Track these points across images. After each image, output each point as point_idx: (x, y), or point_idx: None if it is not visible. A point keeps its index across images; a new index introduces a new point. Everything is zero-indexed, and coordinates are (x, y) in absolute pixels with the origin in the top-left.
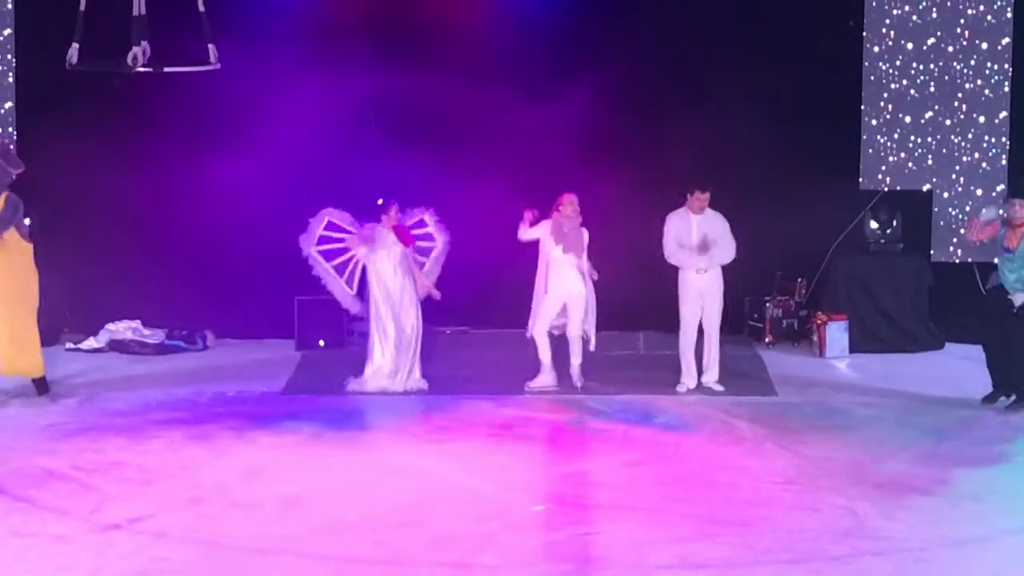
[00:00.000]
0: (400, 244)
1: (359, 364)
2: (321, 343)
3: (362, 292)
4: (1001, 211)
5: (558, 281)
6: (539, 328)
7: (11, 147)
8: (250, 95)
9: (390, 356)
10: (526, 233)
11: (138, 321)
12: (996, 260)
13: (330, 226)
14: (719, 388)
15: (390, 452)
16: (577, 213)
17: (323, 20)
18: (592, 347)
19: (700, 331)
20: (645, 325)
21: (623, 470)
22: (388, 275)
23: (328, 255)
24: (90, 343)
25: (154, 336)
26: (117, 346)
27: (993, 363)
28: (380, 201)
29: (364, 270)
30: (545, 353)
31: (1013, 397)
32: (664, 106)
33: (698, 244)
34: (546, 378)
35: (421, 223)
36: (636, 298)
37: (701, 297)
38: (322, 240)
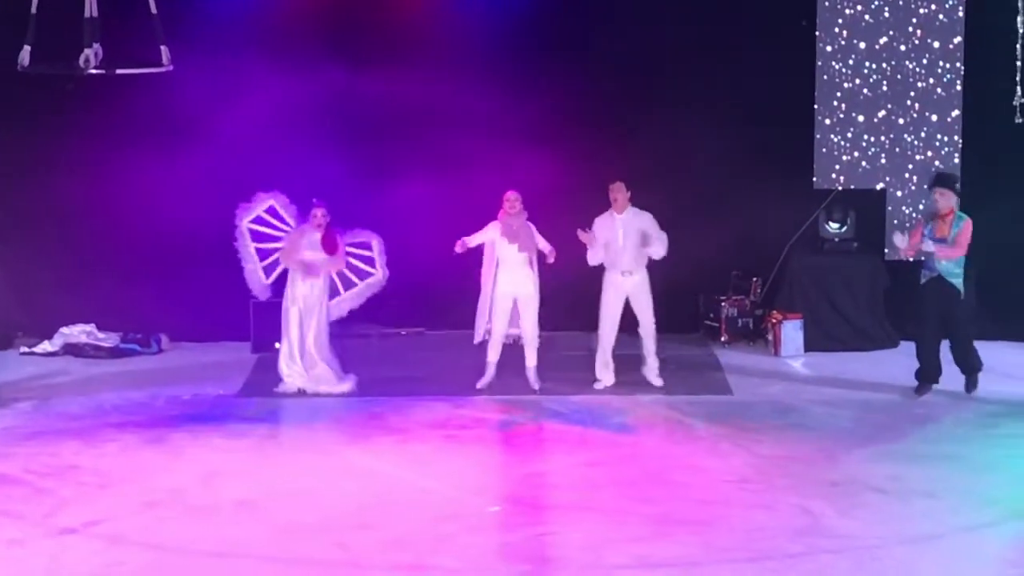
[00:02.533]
0: (325, 249)
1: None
2: (277, 345)
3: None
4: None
5: (509, 279)
6: (485, 324)
7: None
8: (203, 96)
9: (295, 358)
10: (472, 240)
11: (93, 324)
12: (923, 257)
13: (272, 211)
14: (659, 382)
15: (346, 454)
16: (521, 209)
17: (274, 21)
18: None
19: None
20: (596, 326)
21: (579, 470)
22: (304, 281)
23: (258, 236)
24: (44, 347)
25: (109, 339)
26: (71, 350)
27: (924, 355)
28: (314, 201)
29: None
30: (493, 350)
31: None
32: (618, 106)
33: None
34: (485, 376)
35: (366, 245)
36: (593, 298)
37: (625, 299)
38: (259, 221)
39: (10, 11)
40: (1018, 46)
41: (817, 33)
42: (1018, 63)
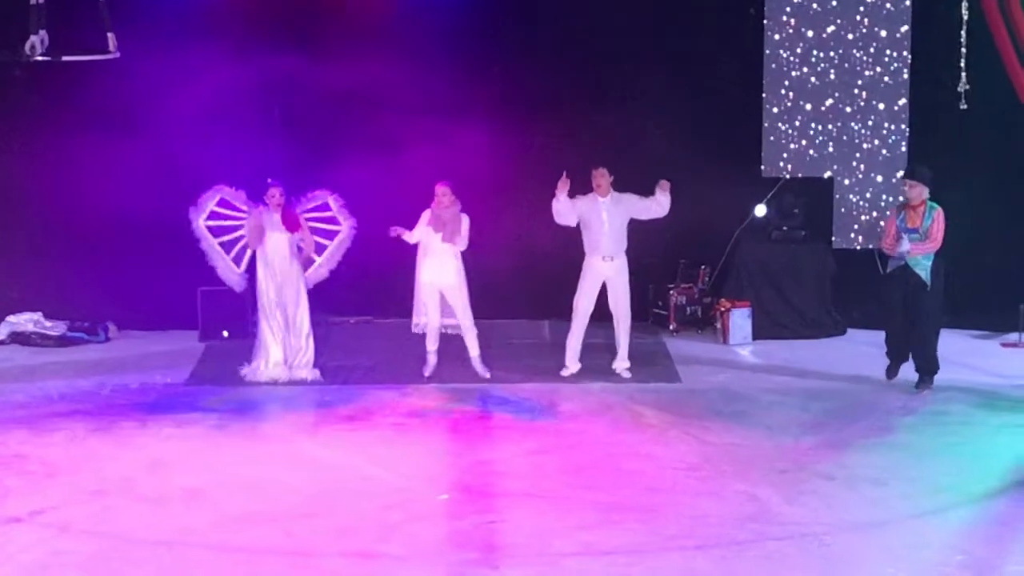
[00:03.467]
0: (287, 228)
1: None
2: (225, 334)
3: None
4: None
5: (434, 269)
6: (426, 315)
7: None
8: (150, 83)
9: (279, 345)
10: (412, 237)
11: (39, 313)
12: (899, 241)
13: (223, 203)
14: (627, 375)
15: (295, 443)
16: (453, 201)
17: (219, 7)
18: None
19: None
20: (550, 314)
21: (528, 458)
22: (275, 261)
23: (217, 231)
24: None
25: (56, 328)
26: (18, 338)
27: (892, 345)
28: (269, 181)
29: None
30: (431, 340)
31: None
32: (566, 94)
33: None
34: (427, 365)
35: (324, 207)
36: (539, 289)
37: (608, 284)
38: (213, 216)
39: None
40: (963, 33)
41: (765, 22)
42: (963, 50)
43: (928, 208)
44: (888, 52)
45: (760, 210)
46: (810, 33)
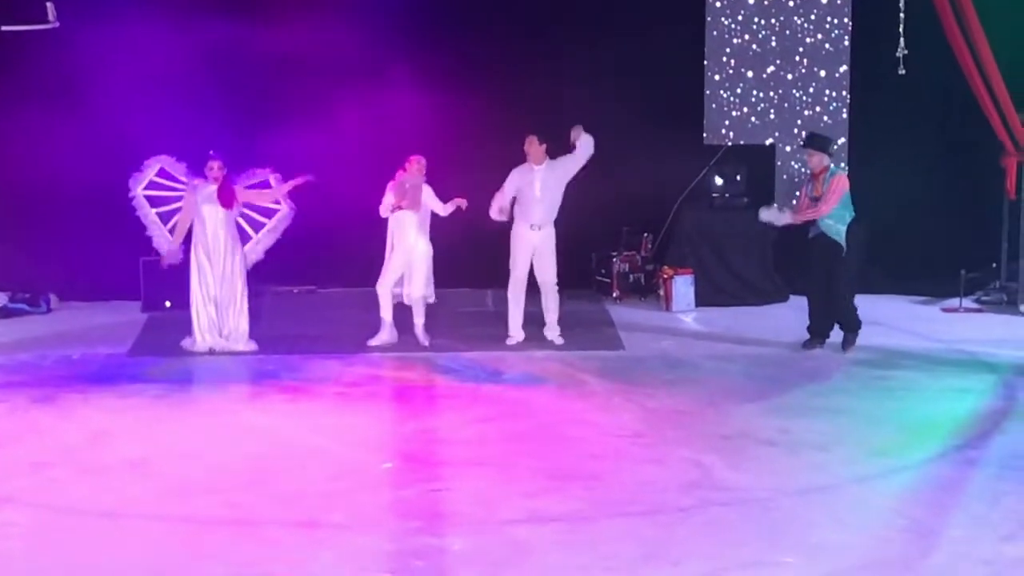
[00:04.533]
0: (222, 203)
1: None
2: (167, 304)
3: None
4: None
5: (402, 239)
6: (383, 285)
7: None
8: (90, 53)
9: (211, 315)
10: (384, 211)
11: None
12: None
13: (163, 173)
14: (560, 341)
15: (238, 413)
16: (422, 174)
17: None
18: (432, 300)
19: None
20: (493, 283)
21: (472, 426)
22: (210, 232)
23: (156, 202)
24: None
25: None
26: None
27: (814, 311)
28: (211, 153)
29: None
30: (386, 311)
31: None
32: (510, 66)
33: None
34: (385, 335)
35: (265, 184)
36: (483, 257)
37: (533, 253)
38: (153, 186)
39: None
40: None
41: None
42: (901, 15)
43: (829, 174)
44: (829, 19)
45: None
46: (751, 0)
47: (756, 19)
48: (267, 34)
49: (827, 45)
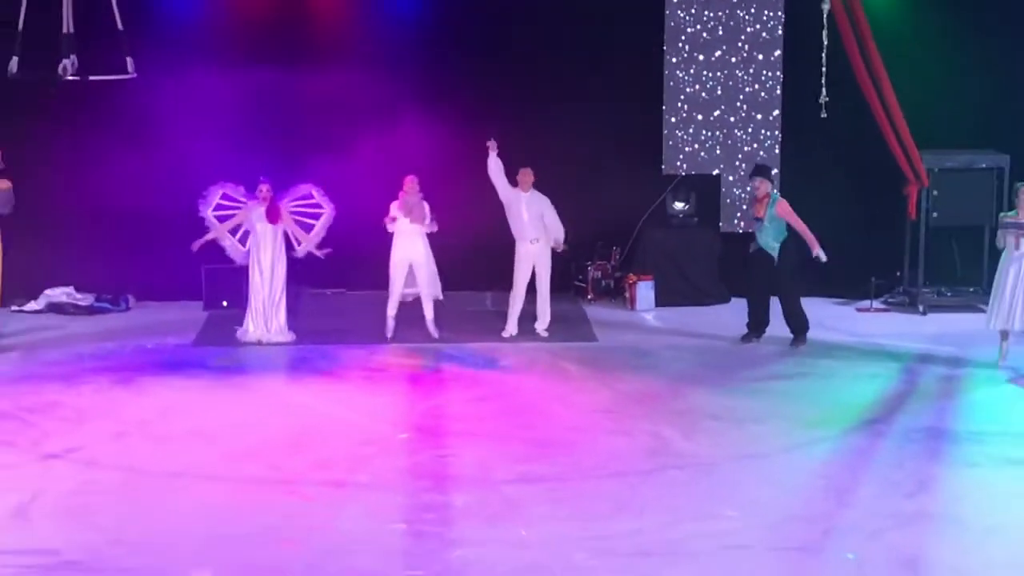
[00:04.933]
0: (270, 220)
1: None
2: (224, 304)
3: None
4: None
5: (403, 247)
6: (393, 287)
7: None
8: (162, 98)
9: (262, 313)
10: (390, 226)
11: (71, 287)
12: (756, 228)
13: (226, 196)
14: (545, 334)
15: (281, 391)
16: (417, 190)
17: (214, 35)
18: (440, 297)
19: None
20: (491, 287)
21: (472, 404)
22: (261, 244)
23: (223, 219)
24: (31, 306)
25: (85, 299)
26: (54, 308)
27: (752, 311)
28: (261, 178)
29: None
30: (391, 307)
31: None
32: (503, 105)
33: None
34: (388, 328)
35: (308, 196)
36: (483, 265)
37: (534, 263)
38: (219, 207)
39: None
40: (823, 56)
41: (665, 48)
42: (823, 70)
43: (771, 200)
44: (764, 72)
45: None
46: (701, 57)
47: (705, 72)
48: (302, 81)
49: (763, 94)
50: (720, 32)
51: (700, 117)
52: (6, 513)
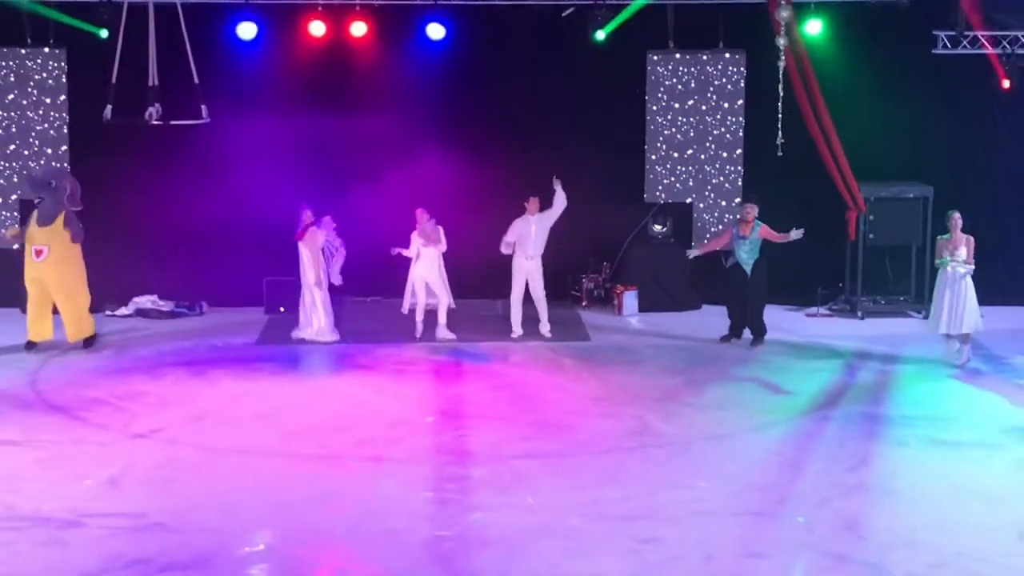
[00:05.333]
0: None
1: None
2: (282, 309)
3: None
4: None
5: (423, 267)
6: (407, 298)
7: (68, 176)
8: (229, 137)
9: (309, 316)
10: (410, 252)
11: (155, 295)
12: (733, 246)
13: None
14: (548, 336)
15: (328, 381)
16: (428, 218)
17: (273, 87)
18: (453, 306)
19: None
20: (501, 295)
21: (486, 392)
22: (303, 261)
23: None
24: (122, 311)
25: (166, 305)
26: (140, 312)
27: (731, 316)
28: (303, 204)
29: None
30: (419, 313)
31: (750, 337)
32: (512, 144)
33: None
34: (417, 330)
35: (323, 224)
36: (493, 277)
37: (528, 275)
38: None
39: (96, 80)
40: (779, 104)
41: (646, 98)
42: (779, 116)
43: (756, 224)
44: (729, 118)
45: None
46: (676, 105)
47: (680, 117)
48: (342, 123)
49: (728, 135)
50: (692, 84)
51: (676, 155)
52: (102, 482)
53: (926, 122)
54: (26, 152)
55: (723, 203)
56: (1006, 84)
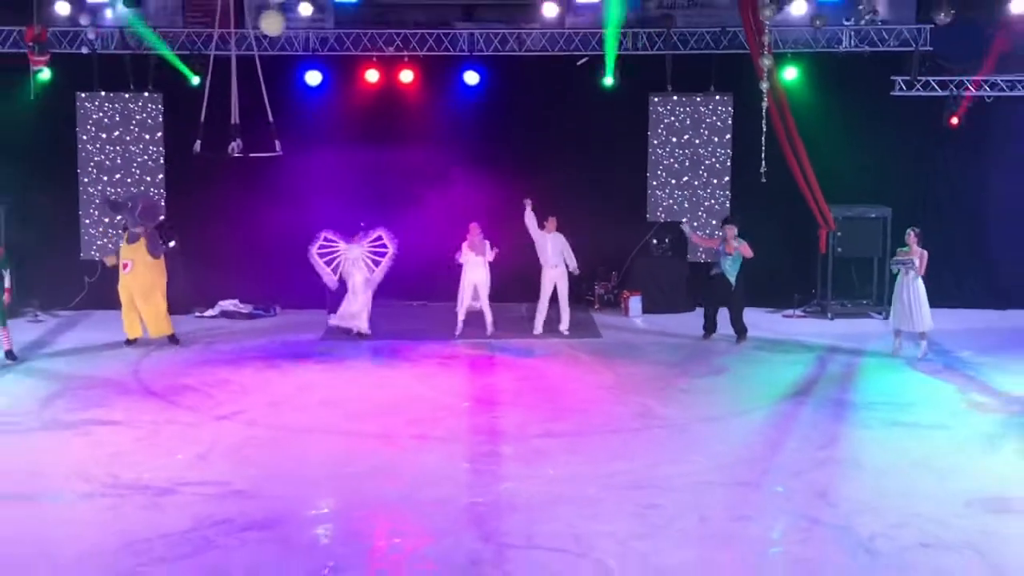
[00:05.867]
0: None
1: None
2: (330, 315)
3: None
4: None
5: (470, 273)
6: (462, 300)
7: (159, 203)
8: (297, 167)
9: (348, 309)
10: (462, 257)
11: (237, 299)
12: (720, 259)
13: (326, 239)
14: (567, 333)
15: (380, 372)
16: (478, 232)
17: (334, 123)
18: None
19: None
20: (527, 299)
21: (514, 382)
22: (353, 268)
23: (322, 255)
24: (209, 312)
25: (246, 308)
26: (225, 314)
27: (707, 316)
28: (362, 224)
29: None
30: (461, 313)
31: (735, 336)
32: (535, 170)
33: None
34: (457, 327)
35: (380, 238)
36: (520, 285)
37: (555, 282)
38: (324, 246)
39: (188, 119)
40: (762, 138)
41: (648, 133)
42: (763, 148)
43: (737, 241)
44: (719, 150)
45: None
46: (674, 139)
47: (677, 150)
48: (393, 155)
49: (717, 165)
50: (687, 122)
51: (673, 181)
52: (192, 457)
53: (885, 153)
54: (128, 180)
55: (713, 221)
56: (954, 121)
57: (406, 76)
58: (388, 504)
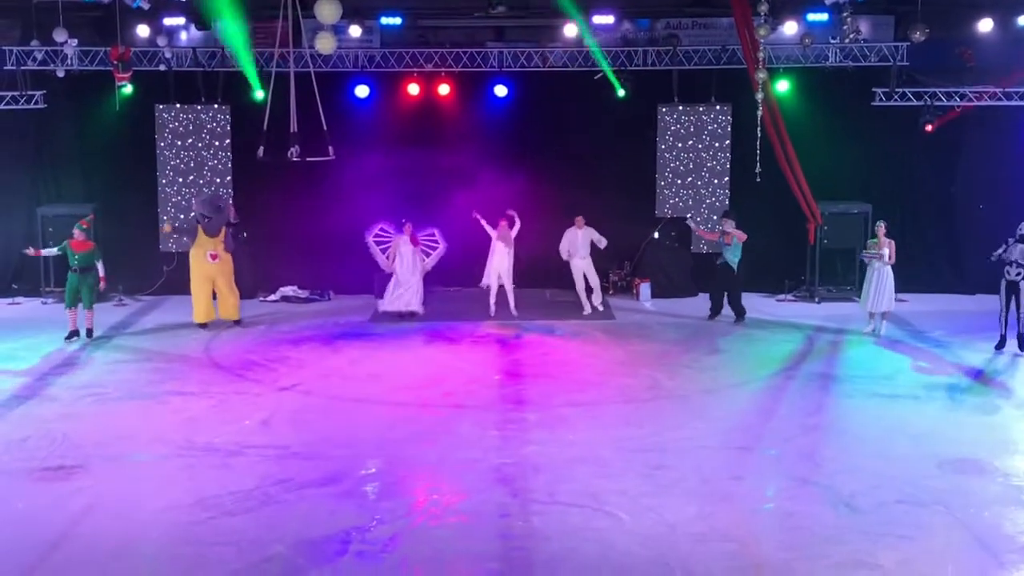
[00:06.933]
0: (411, 245)
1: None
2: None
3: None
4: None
5: (497, 260)
6: (489, 282)
7: (230, 203)
8: (348, 168)
9: (397, 293)
10: (490, 230)
11: (296, 286)
12: (722, 249)
13: (381, 229)
14: (601, 308)
15: (420, 349)
16: (508, 228)
17: (380, 128)
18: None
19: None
20: (550, 285)
21: (539, 357)
22: (405, 257)
23: (377, 242)
24: (271, 297)
25: (304, 293)
26: (285, 299)
27: (713, 300)
28: (404, 221)
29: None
30: (492, 297)
31: (733, 317)
32: (559, 171)
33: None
34: (491, 310)
35: (432, 234)
36: (544, 273)
37: (584, 271)
38: (379, 235)
39: (253, 128)
40: (757, 142)
41: (656, 139)
42: (757, 150)
43: (731, 227)
44: (719, 154)
45: (655, 234)
46: (679, 144)
47: (682, 154)
48: (432, 159)
49: (717, 167)
50: (691, 129)
51: (679, 181)
52: (257, 422)
53: (867, 156)
54: (200, 182)
55: (714, 216)
56: (928, 128)
57: (443, 89)
58: (427, 464)
